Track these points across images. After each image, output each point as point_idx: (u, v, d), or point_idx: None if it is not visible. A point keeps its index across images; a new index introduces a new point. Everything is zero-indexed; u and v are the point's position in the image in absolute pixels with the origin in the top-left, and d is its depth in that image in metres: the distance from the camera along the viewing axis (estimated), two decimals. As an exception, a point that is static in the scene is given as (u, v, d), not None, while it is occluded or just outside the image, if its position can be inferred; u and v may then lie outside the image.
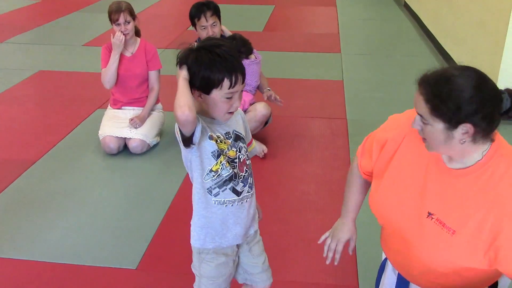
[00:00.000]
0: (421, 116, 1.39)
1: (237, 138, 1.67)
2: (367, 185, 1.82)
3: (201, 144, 1.55)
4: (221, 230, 1.69)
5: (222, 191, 1.63)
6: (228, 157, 1.62)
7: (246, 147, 1.71)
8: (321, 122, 4.02)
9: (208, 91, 1.52)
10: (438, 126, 1.36)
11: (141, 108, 3.60)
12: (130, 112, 3.60)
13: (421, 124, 1.40)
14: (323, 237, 1.87)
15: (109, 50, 3.48)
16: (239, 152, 1.66)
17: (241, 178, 1.66)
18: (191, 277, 2.36)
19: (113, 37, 3.39)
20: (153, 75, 3.59)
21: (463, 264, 1.44)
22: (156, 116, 3.65)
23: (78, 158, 3.50)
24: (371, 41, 6.39)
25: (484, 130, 1.36)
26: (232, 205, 1.67)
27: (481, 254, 1.40)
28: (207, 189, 1.62)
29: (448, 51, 5.30)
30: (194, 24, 3.45)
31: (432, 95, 1.34)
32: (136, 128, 3.47)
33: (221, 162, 1.60)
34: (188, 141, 1.51)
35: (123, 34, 3.39)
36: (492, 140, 1.41)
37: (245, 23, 7.03)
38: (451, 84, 1.33)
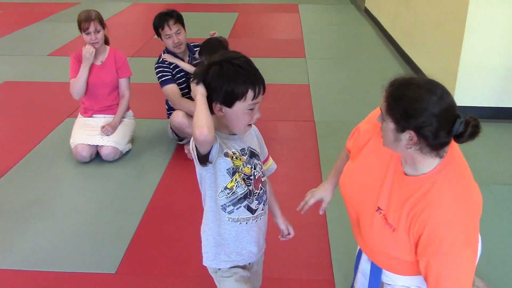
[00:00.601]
0: (381, 110, 1.50)
1: (252, 154, 1.64)
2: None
3: (216, 161, 1.53)
4: (235, 248, 1.68)
5: (237, 209, 1.61)
6: (244, 174, 1.59)
7: (261, 164, 1.69)
8: (290, 125, 4.12)
9: (231, 104, 1.49)
10: (390, 125, 1.45)
11: (112, 116, 3.62)
12: (101, 119, 3.61)
13: (381, 120, 1.51)
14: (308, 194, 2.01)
15: (78, 60, 3.50)
16: (254, 169, 1.63)
17: (255, 195, 1.64)
18: (170, 279, 2.41)
19: (84, 49, 3.40)
20: (123, 82, 3.62)
21: (403, 257, 1.58)
22: (128, 123, 3.68)
23: (50, 167, 3.49)
24: (334, 46, 6.54)
25: (431, 145, 1.44)
26: (246, 223, 1.65)
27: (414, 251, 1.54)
28: (221, 206, 1.60)
29: (408, 54, 5.49)
30: (159, 34, 3.50)
31: (390, 94, 1.45)
32: (108, 135, 3.49)
33: (236, 179, 1.57)
34: (203, 159, 1.49)
35: (93, 43, 3.41)
36: (442, 157, 1.49)
37: (210, 31, 7.09)
38: (410, 91, 1.41)
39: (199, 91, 1.47)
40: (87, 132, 3.52)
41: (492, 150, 3.68)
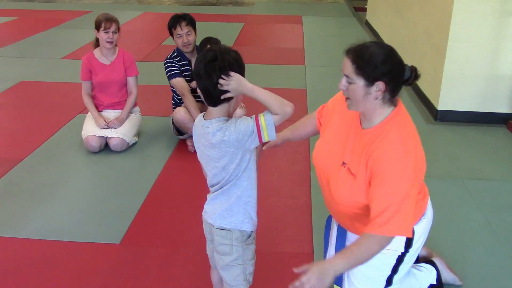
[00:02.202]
0: (347, 76, 1.80)
1: None
2: (312, 127, 2.26)
3: None
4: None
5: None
6: None
7: None
8: (285, 123, 4.38)
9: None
10: (360, 83, 1.78)
11: (121, 111, 3.95)
12: (111, 114, 3.95)
13: (346, 84, 1.82)
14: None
15: (89, 62, 3.86)
16: None
17: None
18: (169, 250, 2.71)
19: (99, 123, 3.83)
20: (131, 80, 3.96)
21: (361, 201, 1.87)
22: (135, 118, 4.01)
23: (62, 156, 3.82)
24: (334, 55, 6.84)
25: (392, 91, 1.79)
26: None
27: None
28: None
29: (401, 62, 5.81)
30: (171, 34, 3.84)
31: (357, 57, 1.77)
32: (115, 128, 3.82)
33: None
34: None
35: (109, 42, 3.75)
36: (395, 105, 1.83)
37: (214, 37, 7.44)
38: (371, 50, 1.77)
39: (245, 80, 1.74)
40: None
41: (469, 150, 3.97)
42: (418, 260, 2.47)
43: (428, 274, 2.32)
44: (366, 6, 8.81)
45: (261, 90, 1.75)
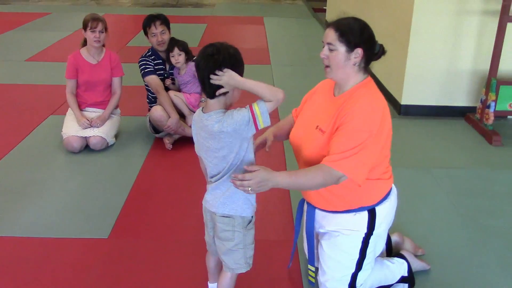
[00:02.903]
0: (329, 44, 1.99)
1: None
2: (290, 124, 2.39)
3: None
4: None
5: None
6: None
7: None
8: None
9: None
10: (341, 50, 1.98)
11: (103, 110, 4.00)
12: (92, 114, 3.99)
13: (327, 53, 2.01)
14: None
15: (76, 60, 3.90)
16: None
17: None
18: (156, 242, 2.80)
19: (81, 123, 3.84)
20: (116, 81, 4.02)
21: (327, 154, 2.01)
22: (115, 119, 4.09)
23: (40, 156, 3.84)
24: (297, 54, 7.05)
25: (366, 60, 2.00)
26: None
27: None
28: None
29: (363, 61, 6.04)
30: (146, 33, 3.93)
31: (339, 25, 1.99)
32: (97, 127, 3.86)
33: None
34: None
35: (96, 41, 3.80)
36: (368, 74, 2.04)
37: (180, 39, 7.50)
38: (350, 21, 2.00)
39: (235, 74, 1.88)
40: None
41: (433, 141, 4.22)
42: (391, 251, 2.65)
43: (399, 266, 2.44)
44: (325, 7, 9.05)
45: (251, 81, 1.89)
